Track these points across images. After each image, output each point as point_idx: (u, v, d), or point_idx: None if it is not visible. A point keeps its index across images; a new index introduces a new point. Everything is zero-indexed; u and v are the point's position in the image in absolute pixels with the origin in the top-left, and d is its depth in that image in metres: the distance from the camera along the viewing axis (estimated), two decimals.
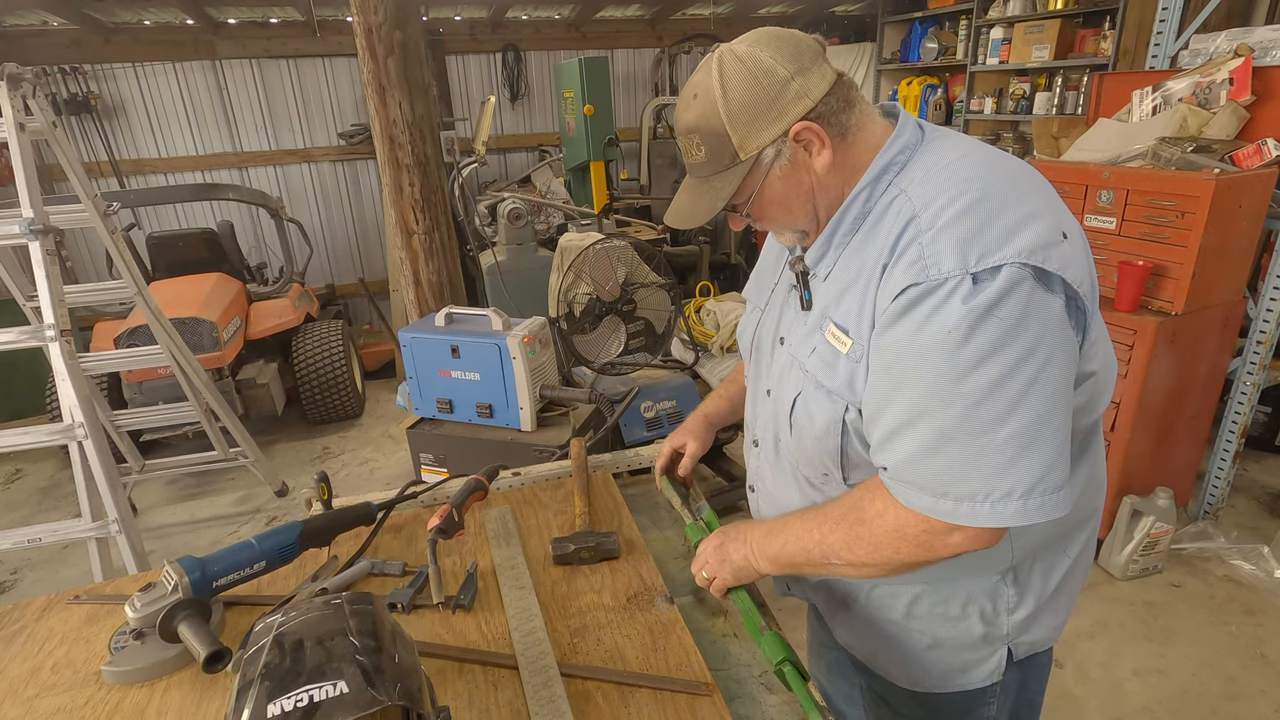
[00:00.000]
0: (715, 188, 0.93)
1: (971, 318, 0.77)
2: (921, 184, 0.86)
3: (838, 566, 0.94)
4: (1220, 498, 2.96)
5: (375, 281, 5.64)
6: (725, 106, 0.87)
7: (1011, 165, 0.89)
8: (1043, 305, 0.78)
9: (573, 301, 2.57)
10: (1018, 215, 0.80)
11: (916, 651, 1.06)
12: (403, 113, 2.95)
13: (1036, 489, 0.80)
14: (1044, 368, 0.78)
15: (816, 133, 0.88)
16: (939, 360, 0.79)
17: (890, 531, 0.87)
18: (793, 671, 0.92)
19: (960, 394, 0.79)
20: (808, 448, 1.00)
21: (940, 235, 0.80)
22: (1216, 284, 2.47)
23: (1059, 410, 0.81)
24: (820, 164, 0.90)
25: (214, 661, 0.93)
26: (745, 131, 0.88)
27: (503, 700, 0.92)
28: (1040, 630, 1.05)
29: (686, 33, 6.24)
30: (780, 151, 0.89)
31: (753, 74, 0.86)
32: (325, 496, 1.32)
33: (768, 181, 0.92)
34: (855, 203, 0.91)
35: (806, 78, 0.87)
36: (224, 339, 3.77)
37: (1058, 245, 0.80)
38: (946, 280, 0.78)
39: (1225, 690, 2.22)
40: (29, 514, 3.65)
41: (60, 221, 2.66)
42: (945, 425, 0.80)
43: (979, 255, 0.78)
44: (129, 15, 4.79)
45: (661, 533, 1.32)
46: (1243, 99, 2.53)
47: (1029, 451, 0.79)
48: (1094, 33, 4.43)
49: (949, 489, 0.82)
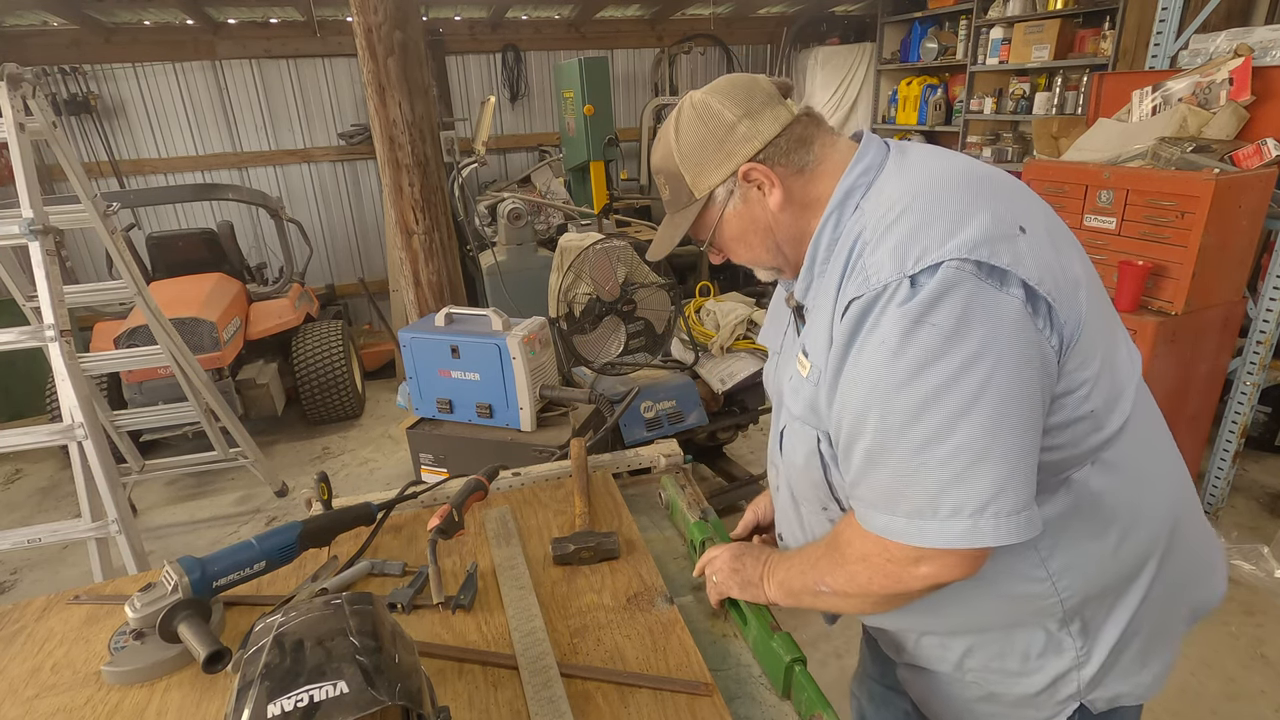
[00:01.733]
0: (677, 223, 0.98)
1: (903, 325, 0.74)
2: (876, 200, 0.85)
3: (827, 596, 0.92)
4: (1220, 498, 2.95)
5: (375, 281, 5.64)
6: (678, 150, 0.93)
7: (967, 168, 0.86)
8: (990, 305, 0.73)
9: (573, 301, 2.57)
10: (959, 212, 0.77)
11: (969, 701, 0.99)
12: (403, 113, 2.95)
13: (989, 508, 0.74)
14: (992, 374, 0.72)
15: (764, 173, 0.90)
16: (876, 373, 0.76)
17: (859, 560, 0.85)
18: (804, 670, 0.92)
19: (899, 405, 0.75)
20: (798, 481, 0.99)
21: (880, 243, 0.79)
22: (1216, 284, 2.47)
23: (1015, 420, 0.74)
24: (774, 202, 0.91)
25: (214, 661, 0.93)
26: (696, 172, 0.93)
27: (503, 700, 0.92)
28: (1120, 685, 0.94)
29: (686, 33, 6.24)
30: (733, 191, 0.92)
31: (701, 119, 0.91)
32: (325, 496, 1.32)
33: (724, 219, 0.95)
34: (825, 230, 0.89)
35: (755, 121, 0.89)
36: (224, 339, 3.77)
37: (1010, 240, 0.76)
38: (886, 287, 0.76)
39: (1225, 690, 2.22)
40: (29, 514, 3.65)
41: (60, 221, 2.66)
42: (885, 440, 0.77)
43: (916, 256, 0.75)
44: (129, 15, 4.79)
45: (661, 533, 1.32)
46: (1242, 99, 2.53)
47: (977, 467, 0.74)
48: (1094, 33, 4.43)
49: (898, 505, 0.78)
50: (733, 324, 3.07)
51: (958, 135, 5.51)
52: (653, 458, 1.51)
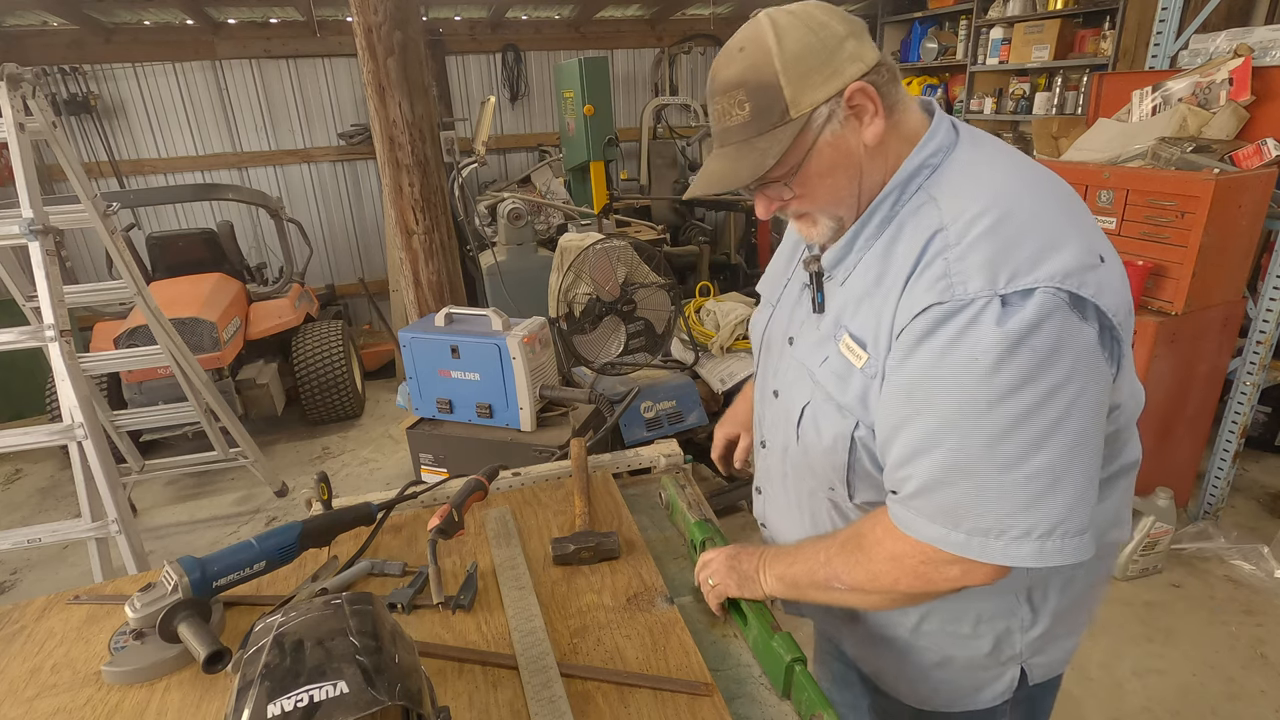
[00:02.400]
0: (760, 149, 0.83)
1: (1003, 345, 0.72)
2: (952, 192, 0.82)
3: (840, 592, 0.91)
4: (1220, 498, 2.95)
5: (375, 281, 5.64)
6: (780, 55, 0.80)
7: (1048, 180, 0.84)
8: (1076, 335, 0.74)
9: (573, 301, 2.57)
10: (1052, 236, 0.76)
11: (924, 669, 1.03)
12: (403, 113, 2.95)
13: (1057, 530, 0.75)
14: (1075, 402, 0.74)
15: (871, 96, 0.81)
16: (965, 387, 0.75)
17: (888, 559, 0.85)
18: (804, 670, 0.92)
19: (985, 425, 0.74)
20: (814, 461, 0.96)
21: (969, 252, 0.76)
22: (1216, 284, 2.47)
23: (1088, 447, 0.76)
24: (871, 135, 0.83)
25: (214, 662, 0.93)
26: (800, 84, 0.80)
27: (503, 700, 0.92)
28: (1055, 651, 1.02)
29: (686, 33, 6.24)
30: (833, 114, 0.82)
31: (809, 26, 0.81)
32: (325, 496, 1.32)
33: (817, 147, 0.83)
34: (882, 206, 0.86)
35: (860, 42, 0.82)
36: (224, 339, 3.77)
37: (1094, 270, 0.76)
38: (973, 301, 0.74)
39: (1225, 690, 2.22)
40: (29, 514, 3.65)
41: (60, 222, 2.66)
42: (966, 456, 0.76)
43: (1009, 276, 0.74)
44: (129, 15, 4.79)
45: (661, 533, 1.32)
46: (1242, 99, 2.53)
47: (1053, 490, 0.75)
48: (1094, 33, 4.43)
49: (962, 522, 0.78)
50: (733, 324, 3.07)
51: None
52: (653, 458, 1.50)
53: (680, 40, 6.21)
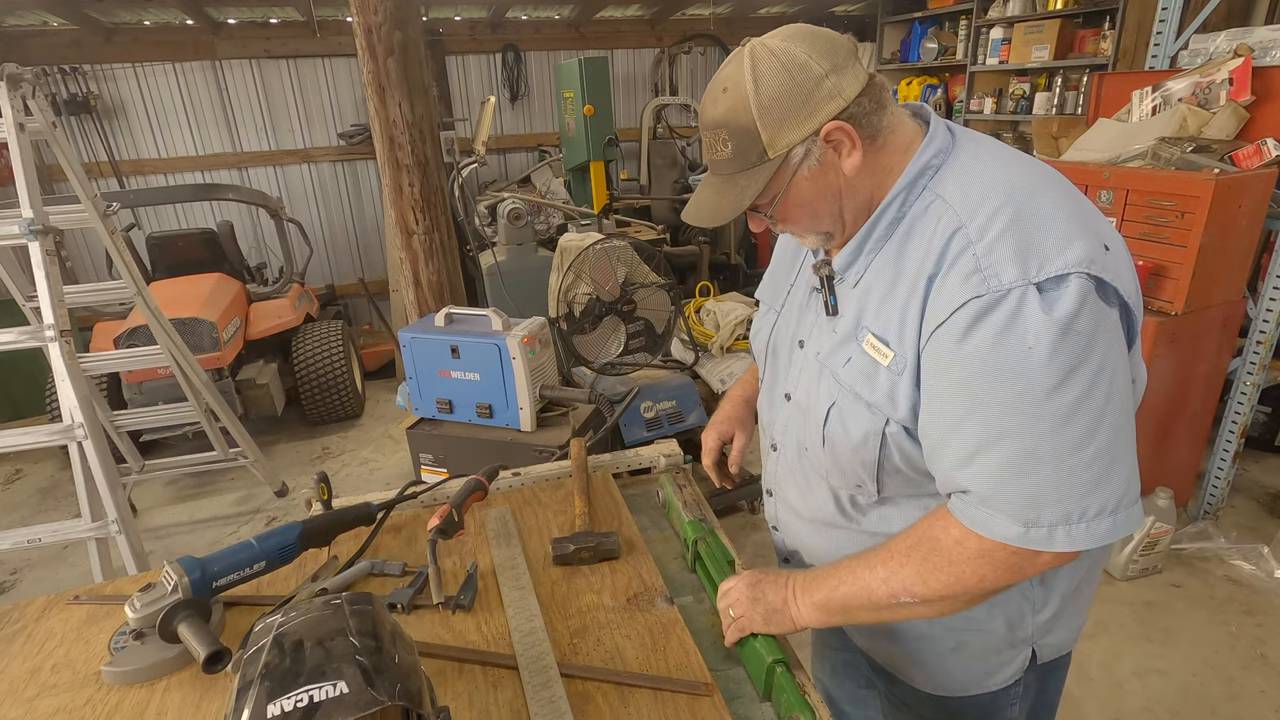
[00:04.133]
0: (741, 186, 0.88)
1: (1054, 331, 0.74)
2: (960, 192, 0.84)
3: (908, 606, 0.88)
4: (1220, 498, 2.95)
5: (375, 281, 5.64)
6: (757, 101, 0.84)
7: (1050, 175, 0.87)
8: (1106, 317, 0.78)
9: (573, 301, 2.57)
10: (1066, 226, 0.79)
11: (940, 655, 1.04)
12: (402, 113, 2.95)
13: (1124, 503, 0.78)
14: (1114, 380, 0.77)
15: (848, 133, 0.85)
16: (1024, 376, 0.76)
17: (976, 558, 0.83)
18: (785, 671, 0.92)
19: (1047, 412, 0.76)
20: (842, 459, 0.96)
21: (996, 245, 0.78)
22: (1216, 284, 2.47)
23: (1130, 421, 0.80)
24: (850, 166, 0.87)
25: (214, 662, 0.93)
26: (775, 128, 0.84)
27: (503, 700, 0.92)
28: (1063, 631, 1.04)
29: (686, 33, 6.24)
30: (810, 151, 0.86)
31: (786, 69, 0.83)
32: (325, 496, 1.32)
33: (795, 182, 0.88)
34: (890, 208, 0.89)
35: (840, 76, 0.84)
36: (224, 339, 3.77)
37: (1105, 256, 0.79)
38: (1010, 291, 0.76)
39: (1225, 690, 2.22)
40: (29, 514, 3.65)
41: (60, 222, 2.66)
42: (1034, 445, 0.77)
43: (1039, 264, 0.76)
44: (129, 15, 4.79)
45: (661, 533, 1.32)
46: (1242, 99, 2.53)
47: (1115, 467, 0.78)
48: (1094, 33, 4.43)
49: (1041, 513, 0.78)
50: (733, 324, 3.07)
51: None
52: (653, 458, 1.51)
53: (680, 40, 6.21)
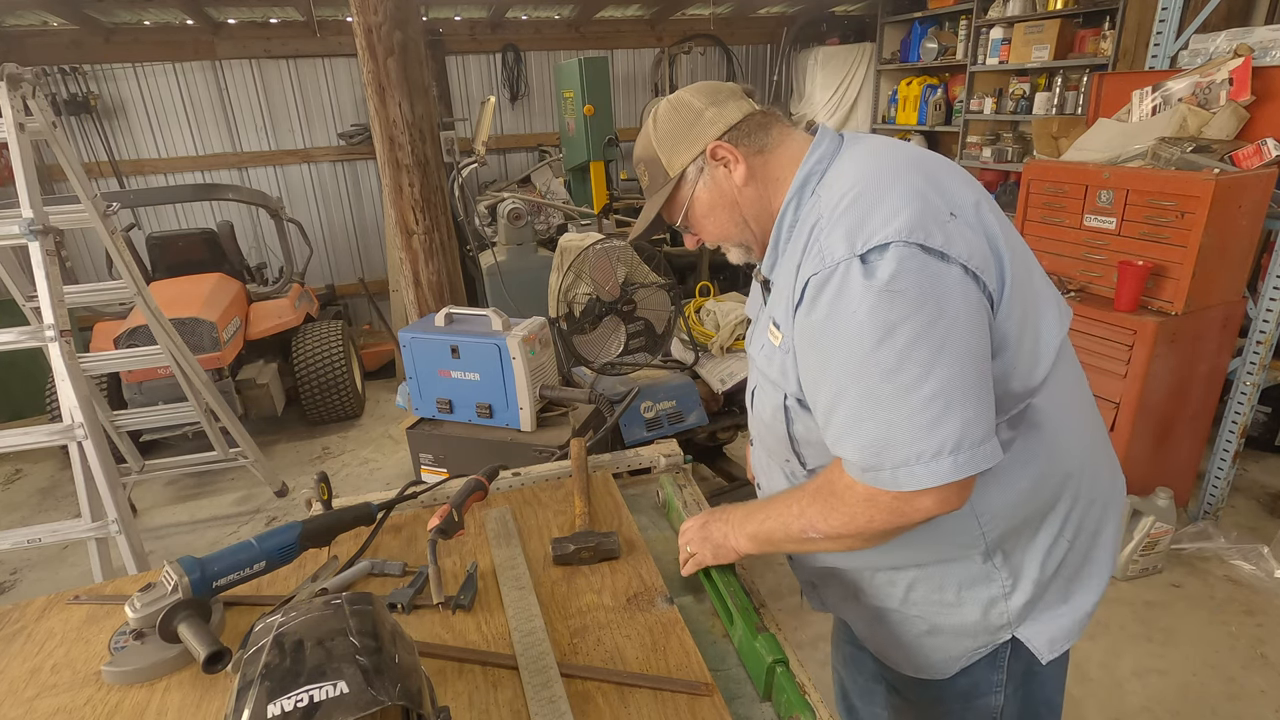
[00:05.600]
0: (654, 204, 1.11)
1: (873, 294, 0.84)
2: (831, 186, 0.96)
3: (817, 540, 0.99)
4: (1220, 498, 2.96)
5: (375, 281, 5.64)
6: (655, 136, 1.07)
7: (908, 158, 0.96)
8: (939, 273, 0.85)
9: (573, 301, 2.57)
10: (896, 202, 0.87)
11: (916, 637, 1.11)
12: (402, 113, 2.95)
13: (964, 444, 0.84)
14: (951, 329, 0.84)
15: (729, 150, 1.02)
16: (849, 339, 0.86)
17: (863, 501, 0.91)
18: (785, 671, 0.92)
19: (872, 365, 0.84)
20: (768, 437, 1.11)
21: (834, 226, 0.90)
22: (1216, 284, 2.47)
23: (974, 366, 0.86)
24: (739, 176, 1.03)
25: (214, 662, 0.93)
26: (670, 153, 1.06)
27: (503, 700, 0.92)
28: (1050, 622, 1.06)
29: (686, 33, 6.24)
30: (702, 169, 1.05)
31: (675, 109, 1.06)
32: (325, 496, 1.32)
33: (695, 196, 1.07)
34: (787, 212, 1.01)
35: (721, 108, 1.03)
36: (224, 339, 3.77)
37: (942, 223, 0.87)
38: (839, 265, 0.86)
39: (1225, 690, 2.22)
40: (29, 514, 3.65)
41: (60, 222, 2.66)
42: (866, 393, 0.86)
43: (865, 238, 0.86)
44: (129, 15, 4.79)
45: (661, 533, 1.32)
46: (1242, 99, 2.53)
47: (951, 410, 0.84)
48: (1094, 33, 4.43)
49: (884, 457, 0.86)
50: (733, 324, 3.07)
51: (958, 135, 5.51)
52: (653, 458, 1.51)
53: (680, 40, 6.21)
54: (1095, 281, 2.66)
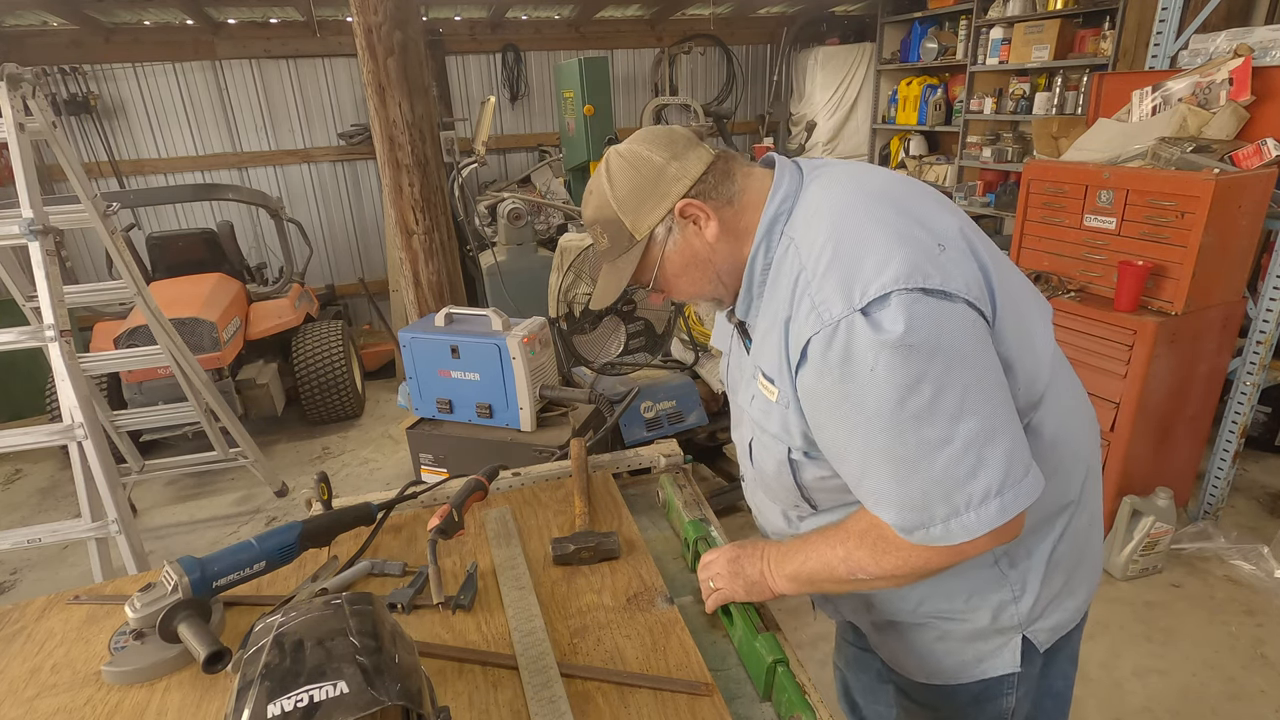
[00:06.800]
0: (620, 269, 1.01)
1: (887, 350, 0.79)
2: (803, 231, 0.91)
3: (864, 581, 0.95)
4: (1220, 498, 2.96)
5: (375, 281, 5.64)
6: (614, 196, 0.97)
7: (875, 188, 0.92)
8: (946, 315, 0.81)
9: (573, 301, 2.57)
10: (887, 243, 0.84)
11: (928, 644, 1.09)
12: (402, 113, 2.94)
13: (1007, 483, 0.83)
14: (970, 370, 0.81)
15: (699, 207, 0.95)
16: (868, 402, 0.82)
17: (918, 546, 0.88)
18: (786, 671, 0.92)
19: (898, 427, 0.81)
20: (771, 485, 1.06)
21: (825, 281, 0.85)
22: (1216, 284, 2.47)
23: (1000, 401, 0.84)
24: (710, 234, 0.97)
25: (214, 661, 0.93)
26: (635, 214, 0.97)
27: (503, 700, 0.92)
28: (1058, 614, 1.06)
29: (686, 33, 6.23)
30: (671, 228, 0.97)
31: (633, 165, 0.97)
32: (325, 496, 1.32)
33: (665, 256, 0.99)
34: (757, 257, 0.96)
35: (682, 161, 0.96)
36: (224, 339, 3.77)
37: (935, 259, 0.83)
38: (839, 322, 0.82)
39: (1225, 690, 2.22)
40: (29, 514, 3.65)
41: (60, 222, 2.66)
42: (901, 454, 0.82)
43: (861, 291, 0.82)
44: (129, 15, 4.79)
45: (661, 533, 1.32)
46: (1242, 99, 2.53)
47: (987, 454, 0.82)
48: (1094, 33, 4.43)
49: (933, 512, 0.84)
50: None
51: (958, 135, 5.51)
52: (653, 458, 1.51)
53: (680, 40, 6.21)
54: (1095, 281, 2.66)
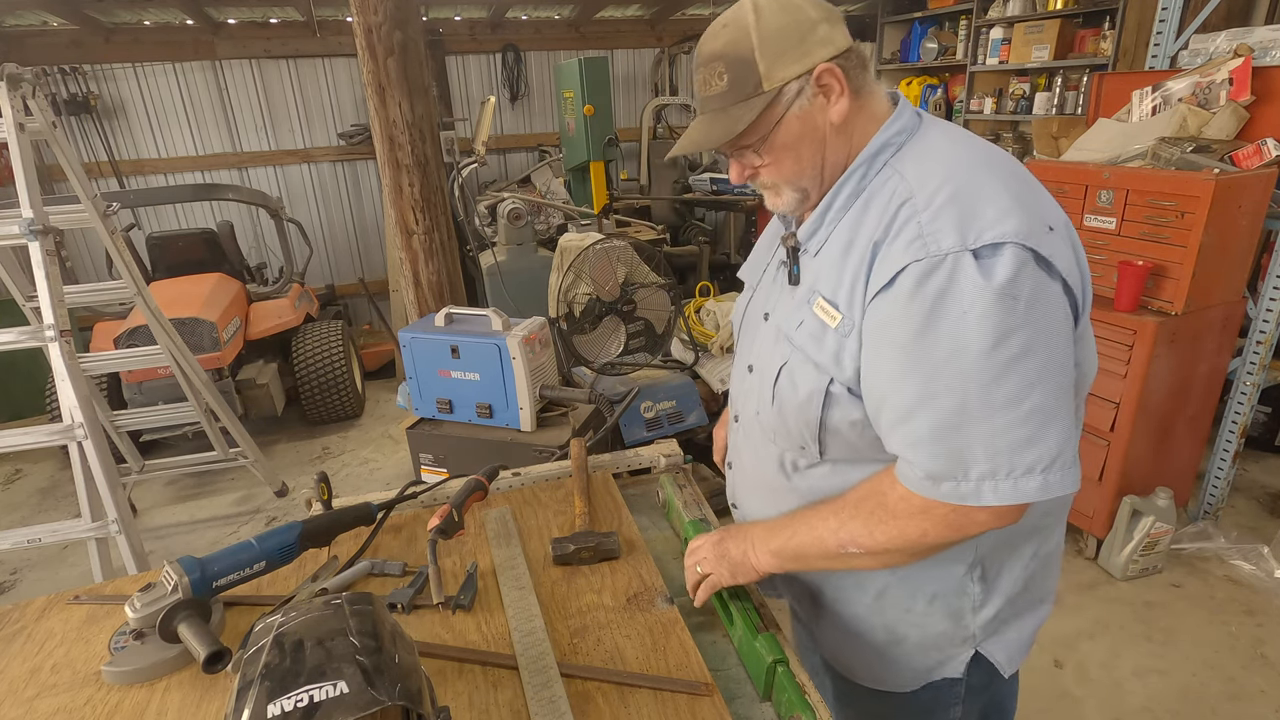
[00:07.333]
0: (734, 115, 0.90)
1: (989, 295, 0.77)
2: (916, 166, 0.87)
3: (855, 556, 0.91)
4: (1220, 498, 2.96)
5: (375, 281, 5.64)
6: (758, 32, 0.87)
7: (1001, 156, 0.90)
8: (1048, 287, 0.80)
9: (573, 301, 2.58)
10: (1004, 203, 0.81)
11: (879, 647, 1.05)
12: (402, 113, 2.95)
13: (1056, 463, 0.80)
14: (1054, 344, 0.79)
15: (838, 77, 0.88)
16: (955, 340, 0.78)
17: (918, 514, 0.85)
18: (785, 671, 0.92)
19: (980, 371, 0.78)
20: (788, 418, 0.98)
21: (939, 214, 0.81)
22: (1216, 284, 2.47)
23: (1068, 386, 0.82)
24: (836, 113, 0.89)
25: (214, 661, 0.93)
26: (773, 60, 0.87)
27: (503, 700, 0.92)
28: (1011, 634, 1.03)
29: (686, 33, 6.24)
30: (802, 90, 0.89)
31: (785, 9, 0.88)
32: (325, 496, 1.32)
33: (785, 120, 0.90)
34: (850, 180, 0.92)
35: (833, 27, 0.89)
36: (224, 339, 3.77)
37: (1045, 235, 0.81)
38: (947, 256, 0.79)
39: (1225, 690, 2.22)
40: (29, 514, 3.65)
41: (60, 222, 2.66)
42: (963, 402, 0.79)
43: (977, 233, 0.79)
44: (129, 15, 4.79)
45: (661, 533, 1.32)
46: (1242, 99, 2.53)
47: (1048, 426, 0.79)
48: (1094, 33, 4.43)
49: (970, 468, 0.80)
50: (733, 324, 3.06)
51: None
52: (653, 458, 1.50)
53: (680, 40, 6.21)
54: (1095, 281, 2.63)
